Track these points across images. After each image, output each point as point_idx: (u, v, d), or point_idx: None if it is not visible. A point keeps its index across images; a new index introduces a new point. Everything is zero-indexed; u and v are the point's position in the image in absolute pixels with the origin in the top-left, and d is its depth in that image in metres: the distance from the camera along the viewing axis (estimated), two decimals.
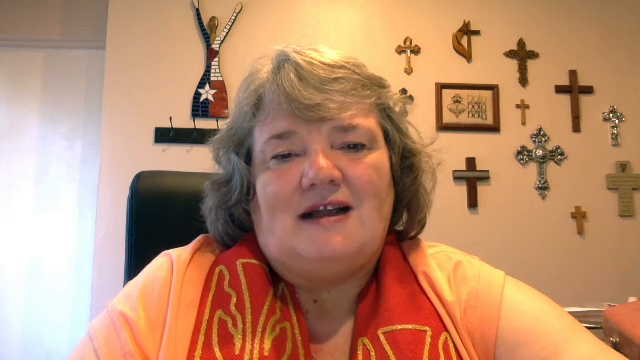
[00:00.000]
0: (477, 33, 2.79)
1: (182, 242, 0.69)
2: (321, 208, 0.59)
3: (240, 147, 0.66)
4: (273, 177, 0.61)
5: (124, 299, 0.61)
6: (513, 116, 2.74)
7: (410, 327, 0.58)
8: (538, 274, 2.27)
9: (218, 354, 0.55)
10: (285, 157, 0.61)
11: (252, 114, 0.64)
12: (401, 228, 0.71)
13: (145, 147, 2.56)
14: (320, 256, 0.58)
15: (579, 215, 2.67)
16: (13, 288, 2.74)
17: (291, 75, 0.61)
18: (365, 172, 0.60)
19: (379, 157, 0.63)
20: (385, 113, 0.66)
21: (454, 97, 2.72)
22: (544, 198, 2.69)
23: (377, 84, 0.65)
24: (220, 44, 2.66)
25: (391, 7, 2.79)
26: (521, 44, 2.80)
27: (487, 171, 2.67)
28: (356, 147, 0.61)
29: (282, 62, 0.63)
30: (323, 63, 0.62)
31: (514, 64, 2.79)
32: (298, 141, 0.60)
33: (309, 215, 0.60)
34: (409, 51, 2.75)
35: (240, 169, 0.65)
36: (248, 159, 0.66)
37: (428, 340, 0.58)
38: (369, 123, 0.63)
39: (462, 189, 2.66)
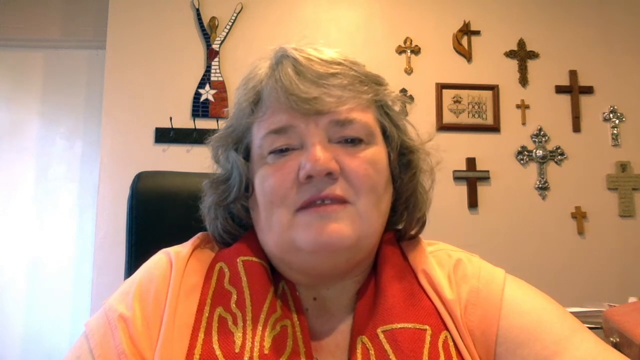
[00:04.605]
0: (477, 33, 2.79)
1: (182, 242, 0.69)
2: (318, 202, 0.58)
3: (239, 144, 0.66)
4: (270, 171, 0.61)
5: (121, 296, 0.60)
6: (513, 116, 2.74)
7: (409, 325, 0.58)
8: (538, 274, 2.25)
9: (218, 351, 0.55)
10: (282, 151, 0.61)
11: (251, 110, 0.64)
12: (401, 226, 0.70)
13: (145, 147, 2.56)
14: (318, 245, 0.58)
15: (579, 215, 2.67)
16: (13, 288, 2.74)
17: (289, 70, 0.61)
18: (361, 166, 0.60)
19: (376, 152, 0.63)
20: (382, 110, 0.66)
21: (454, 97, 2.72)
22: (544, 198, 2.69)
23: (374, 81, 0.66)
24: (220, 44, 2.66)
25: (391, 7, 2.79)
26: (521, 44, 2.80)
27: (487, 171, 2.67)
28: (353, 142, 0.61)
29: (280, 58, 0.64)
30: (320, 59, 0.62)
31: (514, 64, 2.79)
32: (295, 135, 0.61)
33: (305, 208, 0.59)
34: (409, 51, 2.75)
35: (238, 165, 0.65)
36: (247, 155, 0.66)
37: (428, 338, 0.57)
38: (366, 118, 0.63)
39: (462, 189, 2.66)
